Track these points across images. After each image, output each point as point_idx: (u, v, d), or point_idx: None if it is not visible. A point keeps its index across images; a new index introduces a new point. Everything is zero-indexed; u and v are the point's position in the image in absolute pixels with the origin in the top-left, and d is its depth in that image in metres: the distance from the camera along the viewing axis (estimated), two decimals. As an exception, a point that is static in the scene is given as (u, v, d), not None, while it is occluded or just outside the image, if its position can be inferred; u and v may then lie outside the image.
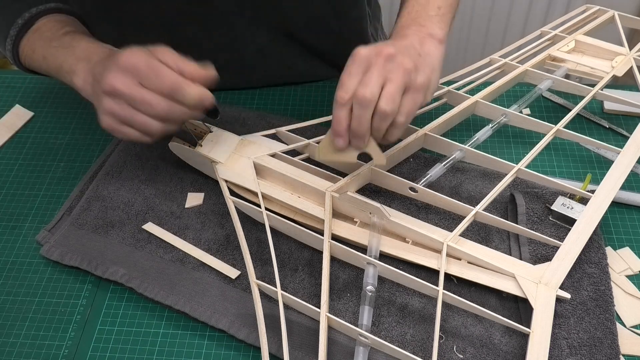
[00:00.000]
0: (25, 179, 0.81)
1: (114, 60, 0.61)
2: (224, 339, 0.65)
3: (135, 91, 0.60)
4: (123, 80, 0.60)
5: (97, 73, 0.63)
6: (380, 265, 0.63)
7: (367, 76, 0.60)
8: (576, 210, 0.69)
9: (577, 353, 0.60)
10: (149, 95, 0.60)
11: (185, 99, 0.61)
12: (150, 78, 0.60)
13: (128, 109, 0.61)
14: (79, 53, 0.68)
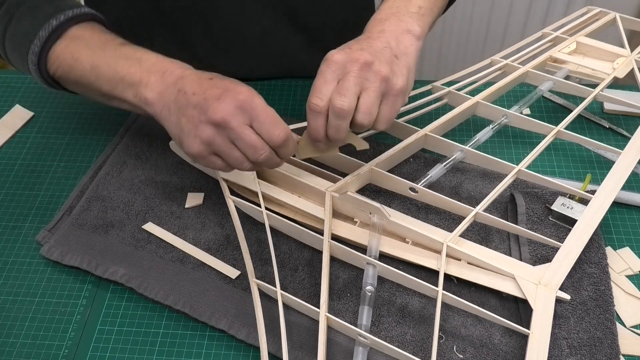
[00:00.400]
0: (25, 179, 0.81)
1: (231, 93, 0.59)
2: (224, 339, 0.65)
3: (246, 132, 0.59)
4: (237, 117, 0.58)
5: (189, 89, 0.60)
6: (380, 266, 0.63)
7: (344, 85, 0.59)
8: (576, 211, 0.69)
9: (577, 353, 0.60)
10: (256, 140, 0.59)
11: (287, 154, 0.62)
12: (266, 125, 0.59)
13: (228, 144, 0.60)
14: (149, 66, 0.64)
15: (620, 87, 0.87)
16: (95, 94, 0.69)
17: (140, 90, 0.63)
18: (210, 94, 0.59)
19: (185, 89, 0.61)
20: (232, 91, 0.59)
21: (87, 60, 0.66)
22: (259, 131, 0.59)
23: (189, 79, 0.61)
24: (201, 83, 0.60)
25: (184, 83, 0.61)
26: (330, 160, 0.75)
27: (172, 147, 0.76)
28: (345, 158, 0.73)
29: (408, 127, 0.76)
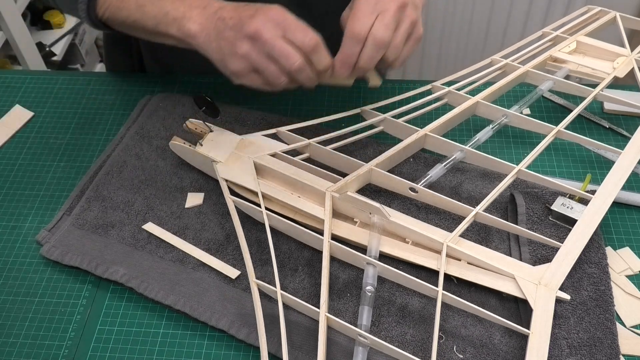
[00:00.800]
0: (25, 179, 0.81)
1: (263, 10, 0.63)
2: (224, 339, 0.65)
3: (278, 42, 0.62)
4: (269, 29, 0.62)
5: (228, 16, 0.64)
6: (380, 266, 0.63)
7: (386, 20, 0.64)
8: (576, 210, 0.69)
9: (577, 353, 0.60)
10: (289, 49, 0.62)
11: (320, 63, 0.65)
12: (297, 33, 0.62)
13: (264, 58, 0.63)
14: (191, 1, 0.68)
15: (620, 87, 0.87)
16: (142, 32, 0.73)
17: (184, 23, 0.67)
18: (244, 14, 0.63)
19: (223, 15, 0.65)
20: (263, 8, 0.63)
21: (132, 2, 0.71)
22: (292, 40, 0.62)
23: (227, 8, 0.66)
24: (237, 9, 0.65)
25: (222, 12, 0.65)
26: (330, 160, 0.75)
27: (172, 147, 0.76)
28: (345, 158, 0.73)
29: (408, 127, 0.76)
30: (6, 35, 1.64)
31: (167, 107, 0.86)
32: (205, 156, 0.73)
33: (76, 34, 1.98)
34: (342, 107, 0.87)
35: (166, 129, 0.84)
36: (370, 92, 0.91)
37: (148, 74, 0.98)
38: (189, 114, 0.84)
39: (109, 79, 0.95)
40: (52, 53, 1.85)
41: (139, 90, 0.93)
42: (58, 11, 1.93)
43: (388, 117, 0.78)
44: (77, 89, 0.94)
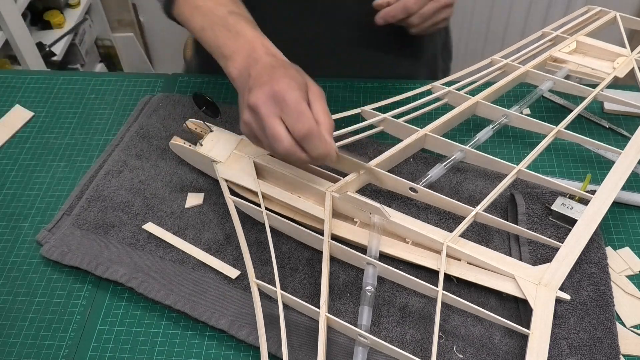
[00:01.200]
0: (25, 179, 0.81)
1: (270, 81, 0.61)
2: (224, 339, 0.65)
3: (271, 122, 0.60)
4: (267, 106, 0.60)
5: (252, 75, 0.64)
6: (380, 266, 0.63)
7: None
8: (576, 210, 0.69)
9: (577, 353, 0.60)
10: (279, 131, 0.60)
11: (313, 150, 0.61)
12: (292, 117, 0.60)
13: (259, 131, 0.62)
14: (242, 43, 0.68)
15: (620, 86, 0.87)
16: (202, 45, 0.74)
17: (228, 64, 0.67)
18: (260, 80, 0.62)
19: (251, 72, 0.64)
20: (273, 81, 0.61)
21: (198, 22, 0.72)
22: (286, 122, 0.60)
23: (261, 65, 0.64)
24: (266, 69, 0.63)
25: (254, 68, 0.64)
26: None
27: (172, 147, 0.76)
28: (346, 158, 0.73)
29: (408, 127, 0.76)
30: (6, 35, 1.64)
31: (167, 107, 0.86)
32: (205, 156, 0.73)
33: (76, 34, 1.98)
34: (342, 107, 0.87)
35: (166, 129, 0.84)
36: (370, 92, 0.91)
37: (148, 74, 0.97)
38: (189, 114, 0.84)
39: (109, 79, 0.95)
40: (52, 53, 1.85)
41: (139, 90, 0.93)
42: (58, 11, 1.93)
43: (388, 117, 0.78)
44: (77, 89, 0.94)
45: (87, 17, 2.05)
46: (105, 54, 2.24)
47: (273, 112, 0.60)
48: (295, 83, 0.61)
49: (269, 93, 0.60)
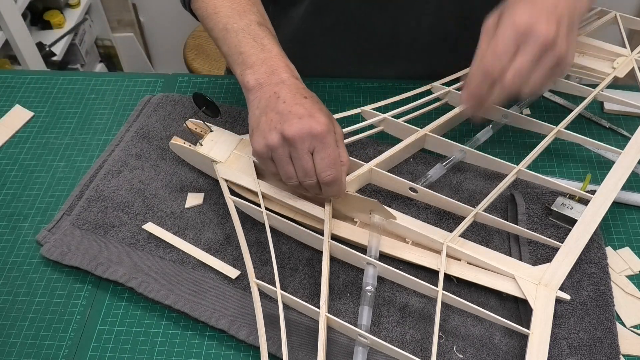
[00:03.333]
0: (25, 179, 0.81)
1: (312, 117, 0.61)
2: (224, 339, 0.65)
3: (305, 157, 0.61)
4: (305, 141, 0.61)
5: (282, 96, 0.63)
6: (380, 266, 0.63)
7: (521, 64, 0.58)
8: (576, 210, 0.69)
9: (577, 353, 0.60)
10: (311, 168, 0.62)
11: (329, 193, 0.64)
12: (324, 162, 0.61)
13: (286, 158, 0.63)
14: (267, 57, 0.67)
15: (620, 86, 0.87)
16: (216, 43, 0.73)
17: (247, 73, 0.66)
18: (295, 110, 0.62)
19: (280, 93, 0.63)
20: (314, 118, 0.61)
21: (222, 21, 0.70)
22: (316, 162, 0.62)
23: (288, 87, 0.64)
24: (295, 96, 0.63)
25: (282, 88, 0.64)
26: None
27: (172, 147, 0.76)
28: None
29: (408, 127, 0.76)
30: (6, 35, 1.64)
31: (167, 107, 0.86)
32: (205, 156, 0.73)
33: (76, 34, 1.98)
34: (342, 107, 0.87)
35: (166, 129, 0.84)
36: (371, 92, 0.91)
37: (148, 74, 0.98)
38: (189, 114, 0.84)
39: (109, 79, 0.95)
40: (52, 53, 1.85)
41: (139, 90, 0.93)
42: (58, 11, 1.93)
43: (388, 117, 0.78)
44: (77, 89, 0.94)
45: (87, 17, 2.05)
46: (105, 54, 2.24)
47: (308, 148, 0.61)
48: (329, 121, 0.62)
49: (310, 130, 0.60)
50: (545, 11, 0.58)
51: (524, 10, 0.58)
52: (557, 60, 0.59)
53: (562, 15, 0.59)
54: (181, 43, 1.83)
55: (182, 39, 1.84)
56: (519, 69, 0.58)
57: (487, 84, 0.60)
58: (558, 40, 0.58)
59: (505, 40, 0.58)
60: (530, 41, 0.57)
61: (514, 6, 0.59)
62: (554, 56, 0.58)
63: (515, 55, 0.59)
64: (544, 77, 0.60)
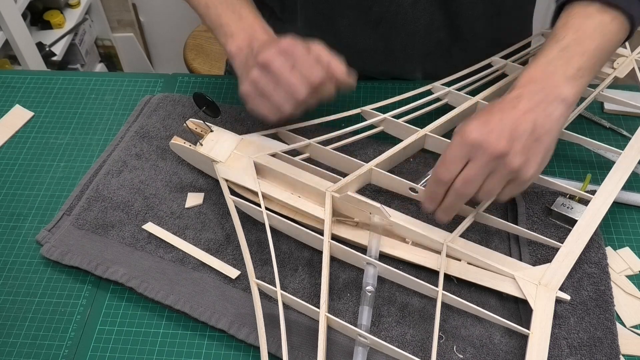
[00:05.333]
0: (25, 179, 0.81)
1: (276, 42, 0.67)
2: (224, 339, 0.65)
3: (286, 73, 0.65)
4: (279, 60, 0.65)
5: (255, 47, 0.69)
6: (380, 266, 0.63)
7: (471, 173, 0.59)
8: (576, 211, 0.69)
9: (577, 353, 0.60)
10: (295, 80, 0.66)
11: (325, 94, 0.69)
12: (304, 67, 0.66)
13: (271, 85, 0.67)
14: (245, 25, 0.72)
15: (620, 87, 0.87)
16: (202, 21, 0.77)
17: (228, 42, 0.72)
18: (263, 45, 0.68)
19: (253, 46, 0.70)
20: (276, 40, 0.67)
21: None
22: (301, 72, 0.65)
23: (261, 40, 0.70)
24: (266, 41, 0.69)
25: (256, 43, 0.70)
26: (330, 160, 0.75)
27: (172, 147, 0.76)
28: (345, 158, 0.73)
29: (408, 127, 0.76)
30: (6, 35, 1.64)
31: (167, 107, 0.86)
32: (205, 156, 0.73)
33: (76, 34, 1.98)
34: (342, 107, 0.87)
35: (166, 129, 0.84)
36: (371, 92, 0.91)
37: (148, 74, 0.98)
38: (189, 114, 0.84)
39: (109, 79, 0.95)
40: (52, 53, 1.85)
41: (139, 90, 0.93)
42: (58, 11, 1.93)
43: (388, 117, 0.78)
44: (77, 89, 0.94)
45: (87, 17, 2.05)
46: (105, 54, 2.24)
47: (286, 65, 0.65)
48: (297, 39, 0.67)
49: (278, 50, 0.66)
50: (499, 127, 0.58)
51: (478, 124, 0.59)
52: (512, 173, 0.58)
53: (521, 130, 0.58)
54: (181, 43, 1.83)
55: (182, 39, 1.84)
56: (467, 177, 0.59)
57: (440, 189, 0.61)
58: (509, 154, 0.57)
59: (454, 151, 0.59)
60: (478, 153, 0.58)
61: (472, 118, 0.60)
62: (506, 168, 0.58)
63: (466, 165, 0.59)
64: (498, 187, 0.60)
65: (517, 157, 0.58)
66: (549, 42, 0.64)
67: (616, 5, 0.63)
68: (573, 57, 0.62)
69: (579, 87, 0.62)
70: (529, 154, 0.58)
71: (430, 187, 0.62)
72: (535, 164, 0.59)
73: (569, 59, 0.62)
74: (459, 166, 0.59)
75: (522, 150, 0.58)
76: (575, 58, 0.62)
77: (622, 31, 0.64)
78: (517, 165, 0.58)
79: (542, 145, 0.59)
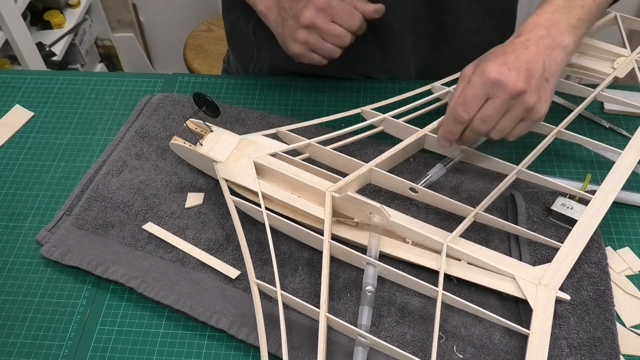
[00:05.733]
0: (25, 179, 0.81)
1: (312, 2, 0.74)
2: (224, 339, 0.65)
3: (330, 27, 0.74)
4: (320, 18, 0.74)
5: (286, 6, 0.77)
6: (380, 266, 0.63)
7: (489, 112, 0.63)
8: (576, 211, 0.69)
9: (577, 353, 0.60)
10: (340, 31, 0.75)
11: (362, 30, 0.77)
12: (343, 18, 0.74)
13: (320, 40, 0.76)
14: None
15: (620, 87, 0.87)
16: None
17: (257, 3, 0.82)
18: (299, 6, 0.75)
19: (284, 5, 0.77)
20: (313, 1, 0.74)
21: None
22: (341, 24, 0.74)
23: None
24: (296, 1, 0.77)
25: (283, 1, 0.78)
26: (330, 160, 0.75)
27: (172, 147, 0.76)
28: (345, 158, 0.73)
29: (408, 127, 0.76)
30: (6, 35, 1.64)
31: (167, 107, 0.87)
32: (205, 156, 0.73)
33: (76, 34, 1.98)
34: (342, 107, 0.87)
35: (166, 129, 0.84)
36: (371, 92, 0.91)
37: (148, 74, 0.98)
38: (189, 114, 0.84)
39: (109, 79, 0.95)
40: (52, 53, 1.85)
41: (139, 90, 0.93)
42: (58, 11, 1.93)
43: (388, 117, 0.78)
44: (77, 89, 0.94)
45: (87, 17, 2.05)
46: (105, 54, 2.24)
47: (327, 20, 0.74)
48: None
49: (315, 9, 0.73)
50: (516, 66, 0.62)
51: (496, 63, 0.63)
52: (526, 111, 0.63)
53: (535, 70, 0.63)
54: (181, 43, 1.83)
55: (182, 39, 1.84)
56: (486, 116, 0.63)
57: (458, 128, 0.65)
58: (527, 92, 0.62)
59: (475, 90, 0.63)
60: (499, 92, 0.62)
61: (488, 59, 0.64)
62: (522, 106, 0.63)
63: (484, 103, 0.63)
64: (512, 125, 0.65)
65: (533, 96, 0.63)
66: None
67: None
68: (575, 7, 0.68)
69: (578, 37, 0.68)
70: (541, 92, 0.63)
71: (447, 126, 0.66)
72: (546, 102, 0.64)
73: (571, 9, 0.68)
74: (479, 105, 0.63)
75: (536, 90, 0.63)
76: (577, 9, 0.68)
77: None
78: (532, 103, 0.63)
79: (550, 85, 0.64)
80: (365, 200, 0.65)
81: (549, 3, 0.69)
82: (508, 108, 0.63)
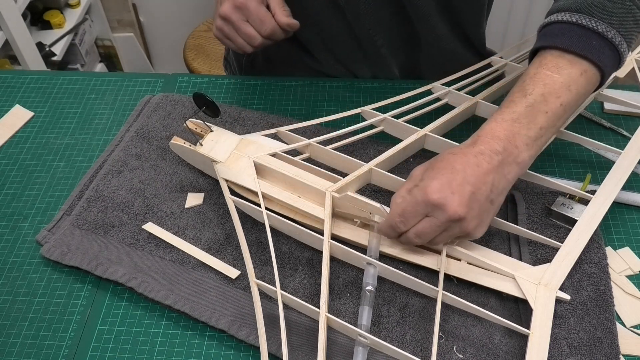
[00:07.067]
0: (25, 179, 0.81)
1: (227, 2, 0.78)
2: (224, 339, 0.65)
3: (242, 25, 0.78)
4: (235, 14, 0.78)
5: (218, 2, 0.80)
6: (380, 266, 0.63)
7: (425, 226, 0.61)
8: (576, 211, 0.69)
9: (577, 353, 0.60)
10: (251, 31, 0.78)
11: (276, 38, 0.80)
12: (255, 22, 0.78)
13: (233, 32, 0.79)
14: None
15: (620, 86, 0.87)
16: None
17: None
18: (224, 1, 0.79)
19: None
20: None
21: None
22: (253, 26, 0.78)
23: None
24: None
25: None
26: (330, 160, 0.75)
27: (172, 147, 0.76)
28: (346, 158, 0.73)
29: (408, 127, 0.76)
30: (6, 35, 1.64)
31: (167, 107, 0.87)
32: (205, 156, 0.73)
33: (76, 34, 1.98)
34: (342, 107, 0.87)
35: (166, 129, 0.84)
36: (370, 92, 0.91)
37: (148, 74, 0.98)
38: (189, 114, 0.84)
39: (109, 79, 0.95)
40: (52, 53, 1.85)
41: (139, 90, 0.93)
42: (58, 11, 1.93)
43: (388, 117, 0.78)
44: (77, 89, 0.94)
45: (87, 17, 2.05)
46: (105, 54, 2.24)
47: (242, 18, 0.78)
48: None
49: (234, 5, 0.77)
50: (460, 190, 0.59)
51: (440, 183, 0.59)
52: (462, 232, 0.61)
53: (480, 193, 0.60)
54: (181, 43, 1.83)
55: (182, 39, 1.84)
56: (421, 232, 0.61)
57: (393, 234, 0.64)
58: (466, 219, 0.59)
59: (415, 207, 0.60)
60: (438, 214, 0.59)
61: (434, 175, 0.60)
62: (459, 229, 0.61)
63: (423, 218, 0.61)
64: (445, 241, 0.63)
65: (473, 221, 0.60)
66: (517, 95, 0.64)
67: (587, 57, 0.63)
68: (537, 115, 0.62)
69: (536, 149, 0.64)
70: (483, 216, 0.61)
71: (384, 228, 0.64)
72: (486, 225, 0.62)
73: (533, 117, 0.62)
74: (417, 221, 0.61)
75: (478, 214, 0.60)
76: (540, 117, 0.62)
77: (590, 83, 0.64)
78: (471, 228, 0.60)
79: (494, 207, 0.62)
80: (365, 200, 0.66)
81: (510, 107, 0.63)
82: (445, 229, 0.61)
